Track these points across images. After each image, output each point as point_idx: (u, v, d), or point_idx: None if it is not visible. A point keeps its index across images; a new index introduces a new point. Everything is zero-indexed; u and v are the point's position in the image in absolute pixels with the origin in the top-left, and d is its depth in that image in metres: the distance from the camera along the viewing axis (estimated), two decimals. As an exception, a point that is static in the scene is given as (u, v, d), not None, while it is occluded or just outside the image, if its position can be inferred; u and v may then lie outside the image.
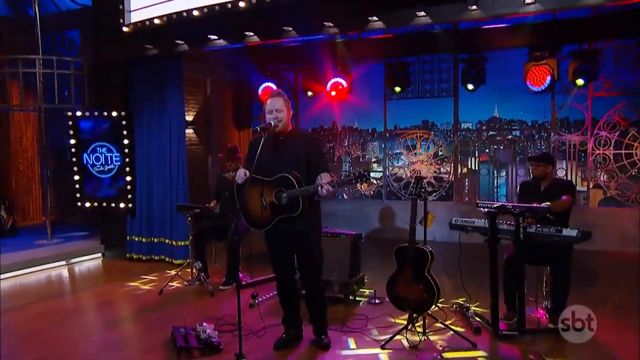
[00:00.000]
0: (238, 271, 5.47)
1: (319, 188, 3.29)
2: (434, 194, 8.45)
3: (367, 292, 5.18)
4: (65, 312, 4.93)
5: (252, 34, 5.81)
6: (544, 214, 3.87)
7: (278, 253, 3.74)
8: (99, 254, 7.29)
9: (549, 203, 3.98)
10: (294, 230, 3.57)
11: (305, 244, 3.65)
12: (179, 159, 6.60)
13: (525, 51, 7.15)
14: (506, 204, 4.12)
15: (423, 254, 3.97)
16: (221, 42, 6.06)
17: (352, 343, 3.95)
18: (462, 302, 4.69)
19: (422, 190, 4.07)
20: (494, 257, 4.02)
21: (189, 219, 5.47)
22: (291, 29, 5.60)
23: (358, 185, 9.51)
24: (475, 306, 4.55)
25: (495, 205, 4.02)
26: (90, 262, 7.11)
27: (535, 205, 3.94)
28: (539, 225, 3.93)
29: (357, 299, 5.01)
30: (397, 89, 8.00)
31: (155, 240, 6.86)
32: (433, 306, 3.99)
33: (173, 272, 5.82)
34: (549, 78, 6.85)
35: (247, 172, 3.56)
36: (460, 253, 4.22)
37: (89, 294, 5.60)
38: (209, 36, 6.01)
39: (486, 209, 4.04)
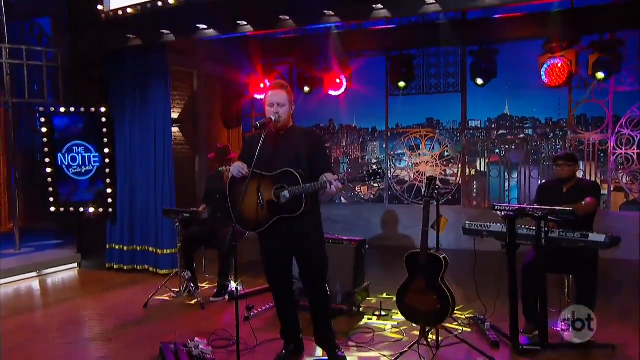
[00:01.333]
0: (229, 281, 5.47)
1: (328, 184, 3.26)
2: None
3: (372, 302, 5.15)
4: (39, 329, 4.82)
5: (245, 23, 5.79)
6: (568, 217, 3.86)
7: (273, 257, 3.68)
8: (75, 264, 7.20)
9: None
10: (293, 232, 3.52)
11: (306, 247, 3.60)
12: (164, 159, 6.55)
13: (540, 42, 7.15)
14: (526, 206, 4.12)
15: (436, 261, 3.94)
16: (211, 32, 6.04)
17: (358, 359, 3.91)
18: (477, 314, 4.66)
19: (436, 191, 4.04)
20: (512, 265, 4.00)
21: (177, 224, 5.42)
22: (288, 18, 5.59)
23: (357, 188, 9.52)
24: (491, 318, 4.49)
25: (514, 208, 4.01)
26: (64, 273, 7.01)
27: (558, 207, 3.93)
28: (562, 230, 3.92)
29: (362, 310, 4.99)
30: (401, 84, 8.01)
31: (138, 248, 6.80)
32: (447, 318, 3.96)
33: (159, 283, 5.75)
34: (566, 72, 6.85)
35: (245, 167, 3.50)
36: (474, 261, 4.20)
37: (65, 308, 5.49)
38: (197, 25, 5.98)
39: (504, 212, 4.03)
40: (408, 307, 4.04)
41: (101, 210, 6.91)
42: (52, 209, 7.10)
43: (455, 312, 4.16)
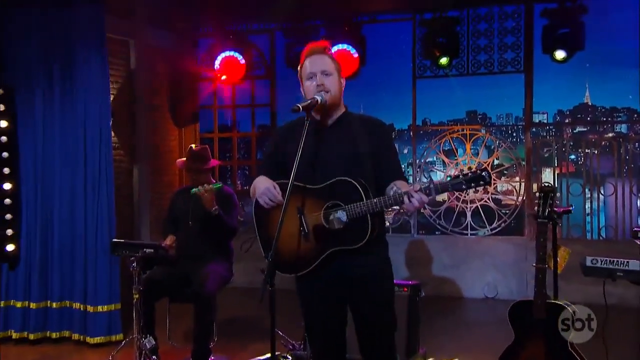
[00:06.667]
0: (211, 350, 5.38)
1: (406, 198, 3.06)
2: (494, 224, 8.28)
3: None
4: None
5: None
6: None
7: (321, 313, 3.51)
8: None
9: None
10: (353, 274, 3.36)
11: (371, 296, 3.43)
12: (101, 169, 6.35)
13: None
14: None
15: (562, 314, 3.82)
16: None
17: None
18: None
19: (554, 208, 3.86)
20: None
21: (134, 266, 5.15)
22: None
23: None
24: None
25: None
26: None
27: None
28: None
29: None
30: (443, 60, 7.90)
31: (55, 305, 6.46)
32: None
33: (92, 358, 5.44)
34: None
35: (277, 188, 3.28)
36: (605, 315, 3.98)
37: None
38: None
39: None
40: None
41: (-6, 247, 6.47)
42: None
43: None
